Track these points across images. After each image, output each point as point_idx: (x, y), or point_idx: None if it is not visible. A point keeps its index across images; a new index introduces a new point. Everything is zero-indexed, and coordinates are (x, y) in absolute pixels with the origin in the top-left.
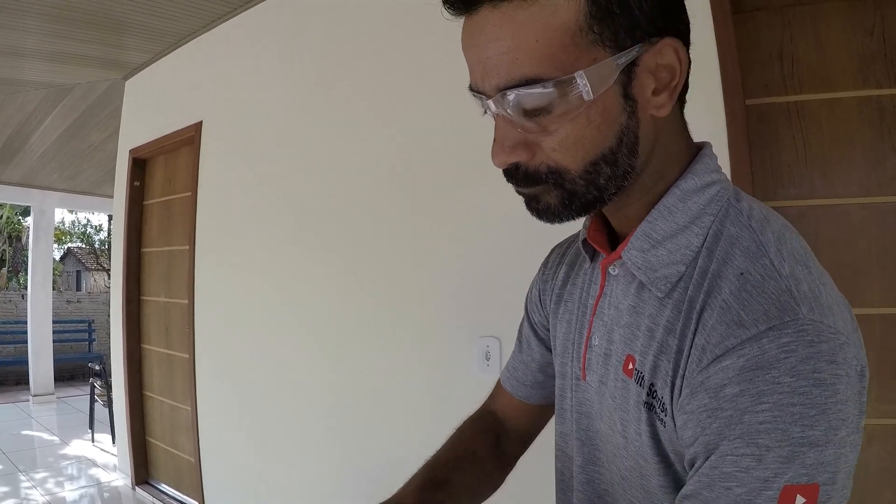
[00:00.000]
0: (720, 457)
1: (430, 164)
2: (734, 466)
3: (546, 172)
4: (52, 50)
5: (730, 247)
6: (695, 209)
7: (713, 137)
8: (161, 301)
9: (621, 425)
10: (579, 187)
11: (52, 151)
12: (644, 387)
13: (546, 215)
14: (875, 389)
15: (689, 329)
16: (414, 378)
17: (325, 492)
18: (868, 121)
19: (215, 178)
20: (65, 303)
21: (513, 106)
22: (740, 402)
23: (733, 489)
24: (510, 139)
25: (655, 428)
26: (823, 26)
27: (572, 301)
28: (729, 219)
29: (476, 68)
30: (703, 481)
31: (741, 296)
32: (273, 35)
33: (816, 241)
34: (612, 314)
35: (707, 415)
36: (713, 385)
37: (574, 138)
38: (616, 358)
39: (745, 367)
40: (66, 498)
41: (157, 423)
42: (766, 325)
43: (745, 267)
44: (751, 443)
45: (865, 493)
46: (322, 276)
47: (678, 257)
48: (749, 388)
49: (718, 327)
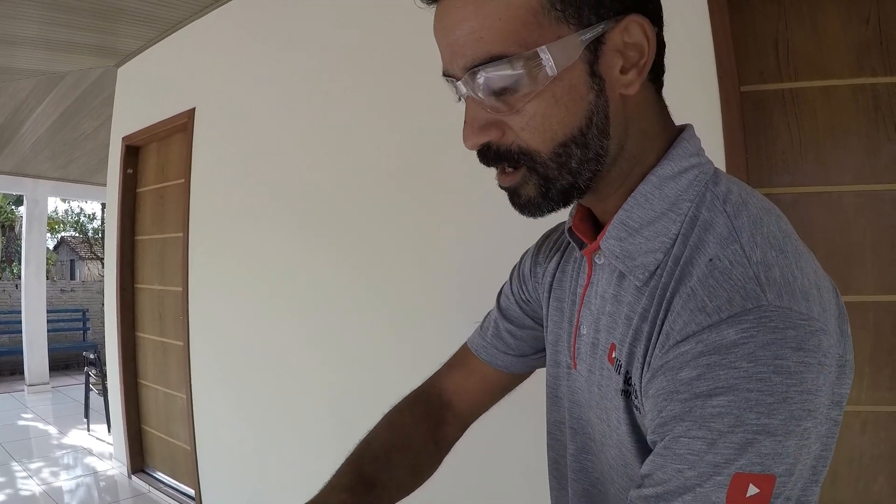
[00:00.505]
0: (674, 438)
1: (427, 153)
2: (686, 449)
3: (517, 153)
4: (43, 37)
5: (703, 232)
6: (672, 195)
7: (708, 124)
8: (155, 289)
9: (605, 414)
10: (552, 171)
11: (44, 140)
12: (621, 374)
13: (528, 208)
14: (869, 376)
15: (660, 316)
16: (410, 368)
17: (321, 477)
18: (863, 109)
19: (208, 165)
20: (59, 292)
21: (482, 86)
22: (696, 386)
23: (684, 472)
24: (479, 120)
25: (633, 416)
26: (819, 14)
27: (562, 289)
28: (704, 204)
29: (445, 52)
30: (657, 462)
31: (708, 282)
32: (266, 21)
33: (810, 229)
34: (598, 303)
35: (664, 397)
36: (671, 368)
37: (541, 117)
38: (602, 347)
39: (703, 351)
40: (62, 487)
41: (153, 411)
42: (728, 313)
43: (716, 253)
44: (703, 426)
45: (859, 479)
46: (316, 262)
47: (656, 245)
48: (705, 373)
49: (683, 314)
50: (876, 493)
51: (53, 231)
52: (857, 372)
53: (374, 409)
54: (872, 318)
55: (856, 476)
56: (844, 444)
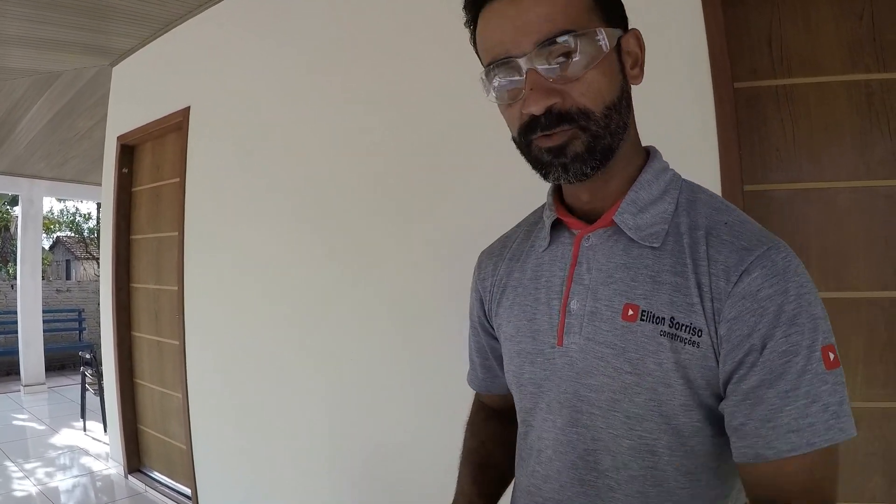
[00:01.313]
0: (776, 341)
1: (423, 151)
2: (788, 344)
3: (576, 112)
4: (37, 36)
5: (706, 208)
6: (663, 184)
7: (701, 120)
8: (151, 288)
9: (630, 365)
10: (600, 129)
11: (39, 139)
12: (661, 321)
13: (575, 163)
14: (862, 373)
15: (702, 266)
16: (406, 367)
17: (317, 477)
18: (856, 105)
19: (204, 164)
20: (54, 292)
21: (551, 55)
22: (776, 299)
23: (792, 360)
24: (544, 87)
25: (679, 354)
26: (813, 10)
27: (524, 285)
28: (693, 191)
29: (509, 36)
30: (766, 365)
31: (736, 233)
32: (262, 19)
33: (804, 225)
34: (594, 276)
35: (751, 314)
36: (750, 292)
37: (596, 84)
38: (608, 312)
39: (767, 274)
40: (58, 487)
41: (149, 410)
42: (765, 245)
43: (726, 218)
44: (793, 324)
45: (854, 476)
46: (311, 261)
47: (659, 219)
48: (778, 287)
49: (732, 255)
50: (871, 491)
51: (49, 231)
52: (851, 368)
53: (368, 408)
54: (866, 314)
55: (850, 473)
56: None
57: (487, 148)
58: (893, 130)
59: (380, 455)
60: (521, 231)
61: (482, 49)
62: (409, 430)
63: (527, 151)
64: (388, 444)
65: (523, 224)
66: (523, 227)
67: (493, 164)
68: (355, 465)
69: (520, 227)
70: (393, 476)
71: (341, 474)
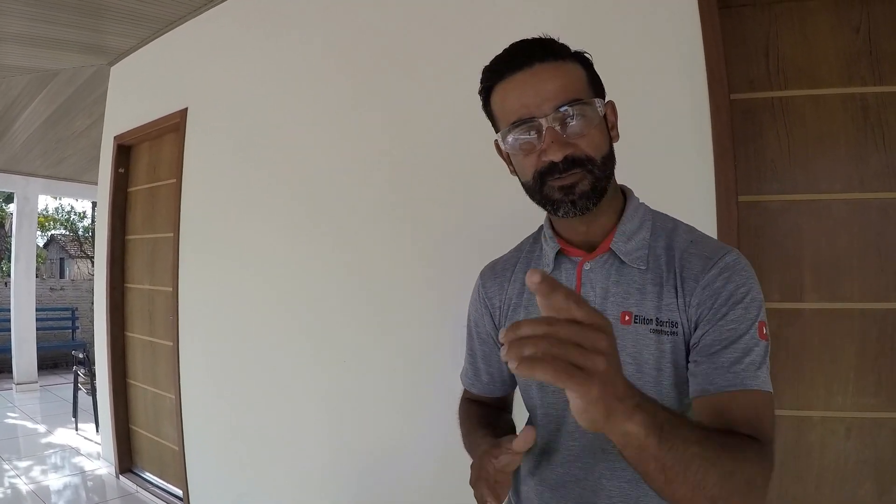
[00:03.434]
0: (727, 315)
1: (421, 152)
2: (735, 316)
3: (585, 159)
4: (36, 35)
5: (671, 232)
6: (640, 217)
7: (697, 131)
8: (145, 289)
9: (632, 357)
10: (599, 173)
11: (36, 137)
12: (649, 322)
13: (581, 199)
14: (854, 383)
15: (675, 276)
16: (401, 368)
17: (310, 479)
18: (852, 118)
19: (200, 165)
20: (48, 290)
21: (567, 116)
22: (727, 286)
23: (737, 328)
24: (561, 141)
25: (663, 344)
26: (810, 23)
27: (535, 303)
28: (661, 220)
29: (532, 101)
30: (718, 330)
31: (700, 247)
32: (259, 22)
33: (798, 236)
34: (597, 293)
35: (709, 298)
36: (708, 283)
37: (597, 140)
38: (611, 320)
39: (721, 270)
40: (49, 486)
41: (141, 411)
42: (722, 253)
43: (691, 238)
44: (739, 304)
45: (844, 484)
46: (307, 262)
47: (641, 244)
48: (729, 278)
49: (698, 263)
50: (861, 499)
51: (44, 229)
52: (842, 378)
53: (363, 409)
54: (858, 325)
55: (841, 481)
56: (830, 449)
57: (488, 146)
58: (888, 143)
59: (378, 458)
60: (522, 255)
61: (503, 109)
62: (405, 431)
63: (539, 191)
64: (386, 447)
65: (522, 249)
66: (524, 252)
67: (494, 164)
68: (349, 467)
69: (520, 250)
70: (387, 477)
71: (334, 476)
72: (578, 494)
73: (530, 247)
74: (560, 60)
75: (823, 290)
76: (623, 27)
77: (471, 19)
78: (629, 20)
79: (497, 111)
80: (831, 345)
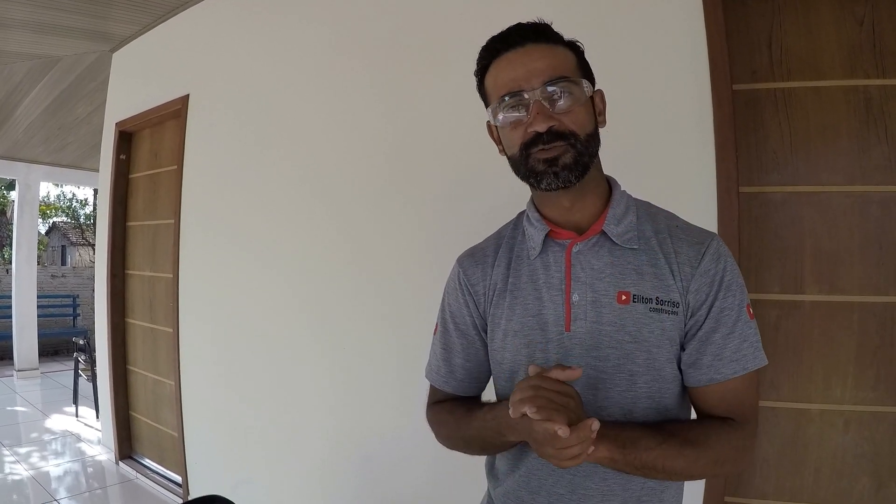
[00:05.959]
0: (719, 301)
1: (425, 142)
2: (726, 303)
3: (567, 133)
4: (38, 21)
5: (661, 217)
6: (625, 203)
7: (699, 121)
8: (146, 275)
9: (630, 336)
10: (582, 149)
11: (37, 124)
12: (649, 301)
13: (564, 171)
14: (852, 376)
15: (672, 258)
16: (403, 356)
17: (308, 464)
18: (854, 110)
19: (201, 152)
20: (49, 277)
21: (554, 92)
22: (718, 274)
23: (730, 314)
24: (546, 114)
25: (664, 322)
26: (814, 14)
27: (522, 287)
28: (644, 206)
29: (521, 76)
30: (713, 317)
31: (687, 233)
32: (262, 8)
33: (799, 228)
34: (588, 273)
35: (705, 286)
36: (704, 272)
37: (581, 117)
38: (606, 299)
39: (712, 258)
40: (49, 472)
41: (141, 397)
42: (709, 239)
43: (676, 223)
44: (728, 290)
45: (842, 478)
46: (308, 249)
47: (630, 227)
48: (719, 264)
49: (690, 249)
50: (858, 492)
51: (45, 216)
52: (841, 371)
53: (364, 396)
54: (857, 318)
55: (838, 475)
56: (827, 442)
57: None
58: (890, 136)
59: (379, 444)
60: (503, 241)
61: (495, 85)
62: (405, 418)
63: (524, 164)
64: (388, 432)
65: (503, 235)
66: (504, 237)
67: (501, 157)
68: (349, 453)
69: (500, 236)
70: (388, 463)
71: (334, 463)
72: (557, 494)
73: (511, 232)
74: (552, 44)
75: (823, 283)
76: (626, 18)
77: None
78: (632, 10)
79: (489, 88)
80: (830, 337)
